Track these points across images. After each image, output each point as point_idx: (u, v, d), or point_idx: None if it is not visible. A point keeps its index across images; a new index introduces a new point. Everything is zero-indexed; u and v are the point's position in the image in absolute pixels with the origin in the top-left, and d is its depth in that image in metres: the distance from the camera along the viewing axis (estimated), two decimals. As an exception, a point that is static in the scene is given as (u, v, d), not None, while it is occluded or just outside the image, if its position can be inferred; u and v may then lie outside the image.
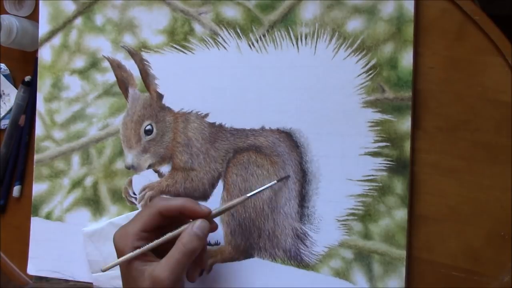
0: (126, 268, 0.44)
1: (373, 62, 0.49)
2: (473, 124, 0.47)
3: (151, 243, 0.44)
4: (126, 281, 0.45)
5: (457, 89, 0.48)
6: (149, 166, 0.55)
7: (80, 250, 0.56)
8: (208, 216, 0.46)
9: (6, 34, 0.56)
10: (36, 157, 0.58)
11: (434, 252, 0.48)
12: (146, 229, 0.45)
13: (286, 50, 0.51)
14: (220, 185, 0.53)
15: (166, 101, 0.54)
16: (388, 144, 0.48)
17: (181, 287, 0.44)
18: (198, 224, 0.45)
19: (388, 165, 0.48)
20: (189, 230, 0.44)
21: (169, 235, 0.45)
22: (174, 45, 0.54)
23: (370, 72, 0.49)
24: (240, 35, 0.52)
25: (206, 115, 0.53)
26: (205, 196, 0.53)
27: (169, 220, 0.46)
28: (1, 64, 0.62)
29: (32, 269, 0.58)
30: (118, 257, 0.45)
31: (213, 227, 0.48)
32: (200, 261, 0.48)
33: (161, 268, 0.43)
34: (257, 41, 0.52)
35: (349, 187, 0.49)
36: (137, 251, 0.44)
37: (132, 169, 0.55)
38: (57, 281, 0.57)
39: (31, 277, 0.59)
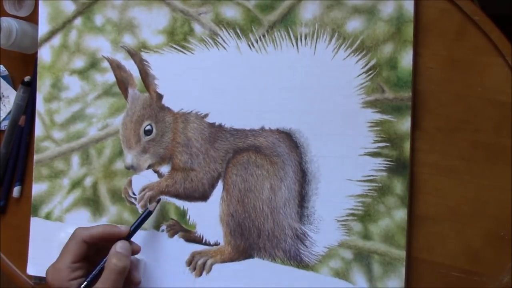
0: None
1: (372, 62, 0.49)
2: (473, 124, 0.47)
3: (86, 280, 0.48)
4: None
5: (457, 89, 0.48)
6: (149, 167, 0.55)
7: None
8: (128, 233, 0.50)
9: (6, 36, 0.56)
10: (35, 157, 0.58)
11: (433, 253, 0.48)
12: (76, 259, 0.48)
13: (286, 50, 0.51)
14: (219, 185, 0.53)
15: (165, 101, 0.54)
16: (387, 144, 0.48)
17: None
18: (119, 245, 0.49)
19: (388, 166, 0.48)
20: (114, 252, 0.48)
21: (97, 267, 0.48)
22: (174, 45, 0.54)
23: (369, 72, 0.49)
24: (240, 35, 0.52)
25: (206, 115, 0.53)
26: (205, 197, 0.53)
27: (95, 248, 0.50)
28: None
29: (32, 269, 0.58)
30: None
31: (135, 249, 0.51)
32: (132, 278, 0.51)
33: None
34: (257, 42, 0.52)
35: (349, 188, 0.49)
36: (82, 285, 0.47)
37: (132, 169, 0.55)
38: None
39: (31, 277, 0.59)
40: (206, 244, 0.53)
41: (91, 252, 0.50)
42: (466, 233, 0.47)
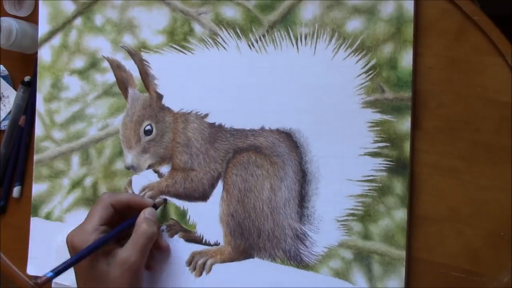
0: (90, 266, 0.46)
1: (372, 62, 0.49)
2: (473, 124, 0.47)
3: (109, 232, 0.48)
4: (85, 280, 0.47)
5: (457, 89, 0.48)
6: (149, 167, 0.55)
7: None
8: (154, 206, 0.52)
9: (6, 36, 0.56)
10: (35, 157, 0.58)
11: (433, 253, 0.48)
12: (103, 222, 0.48)
13: (285, 50, 0.51)
14: (219, 185, 0.53)
15: (165, 101, 0.54)
16: (387, 144, 0.48)
17: (142, 272, 0.49)
18: (148, 211, 0.50)
19: (388, 166, 0.48)
20: (143, 217, 0.49)
21: (125, 222, 0.49)
22: (174, 45, 0.54)
23: (369, 72, 0.49)
24: (240, 35, 0.52)
25: (206, 115, 0.53)
26: (205, 197, 0.53)
27: (120, 215, 0.50)
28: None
29: (32, 269, 0.58)
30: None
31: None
32: (158, 247, 0.52)
33: (129, 252, 0.47)
34: (257, 42, 0.52)
35: (349, 188, 0.49)
36: (102, 237, 0.47)
37: (132, 169, 0.55)
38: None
39: (31, 277, 0.59)
40: (206, 244, 0.53)
41: (116, 219, 0.50)
42: (466, 233, 0.47)
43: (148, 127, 0.54)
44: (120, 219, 0.50)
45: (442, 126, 0.48)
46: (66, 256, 0.53)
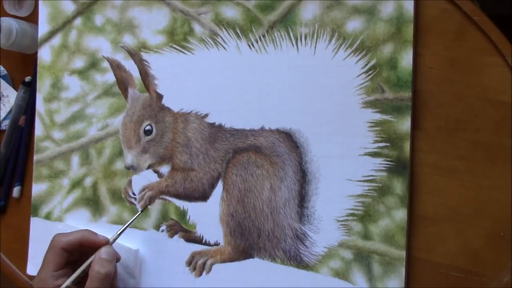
0: None
1: (372, 62, 0.49)
2: (473, 124, 0.47)
3: (67, 280, 0.47)
4: None
5: (457, 89, 0.48)
6: (149, 167, 0.55)
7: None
8: (108, 244, 0.50)
9: (6, 36, 0.56)
10: (35, 157, 0.58)
11: (433, 253, 0.48)
12: (57, 268, 0.48)
13: (285, 50, 0.51)
14: (219, 185, 0.53)
15: (165, 101, 0.54)
16: (387, 144, 0.48)
17: None
18: (103, 250, 0.48)
19: (388, 166, 0.48)
20: (97, 258, 0.47)
21: (80, 269, 0.48)
22: (174, 45, 0.54)
23: (369, 72, 0.49)
24: (240, 35, 0.52)
25: (206, 115, 0.53)
26: (205, 197, 0.53)
27: (77, 253, 0.50)
28: None
29: (32, 269, 0.58)
30: None
31: (116, 257, 0.50)
32: (111, 286, 0.50)
33: None
34: (257, 42, 0.52)
35: (349, 188, 0.49)
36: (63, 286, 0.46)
37: (132, 169, 0.55)
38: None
39: (31, 277, 0.59)
40: (206, 244, 0.53)
41: (76, 257, 0.49)
42: (466, 233, 0.47)
43: (148, 127, 0.54)
44: (82, 256, 0.49)
45: (442, 126, 0.48)
46: None
